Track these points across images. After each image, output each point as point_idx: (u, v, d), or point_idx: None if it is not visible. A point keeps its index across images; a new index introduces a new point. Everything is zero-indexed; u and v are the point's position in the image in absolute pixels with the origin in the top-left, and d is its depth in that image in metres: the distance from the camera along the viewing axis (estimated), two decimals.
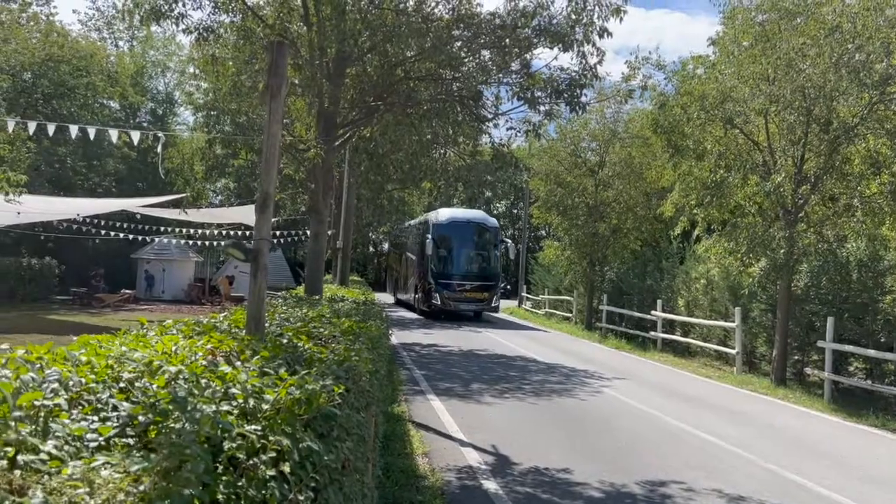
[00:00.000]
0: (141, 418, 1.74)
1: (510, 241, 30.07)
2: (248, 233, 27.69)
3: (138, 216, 24.91)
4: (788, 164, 14.29)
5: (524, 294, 36.71)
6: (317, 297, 8.57)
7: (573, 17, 10.40)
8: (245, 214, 26.25)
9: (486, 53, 11.24)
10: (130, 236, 26.11)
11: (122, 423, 1.66)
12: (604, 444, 8.69)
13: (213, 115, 15.56)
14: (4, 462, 1.45)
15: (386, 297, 35.86)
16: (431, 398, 11.01)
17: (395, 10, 10.93)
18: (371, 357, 3.46)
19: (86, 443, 1.57)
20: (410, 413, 9.78)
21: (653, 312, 20.28)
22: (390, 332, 15.21)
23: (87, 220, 24.40)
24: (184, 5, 10.36)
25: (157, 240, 28.68)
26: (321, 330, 3.86)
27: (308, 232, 28.72)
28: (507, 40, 10.32)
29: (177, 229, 29.09)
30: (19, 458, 1.45)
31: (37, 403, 1.64)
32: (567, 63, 11.66)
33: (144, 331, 3.30)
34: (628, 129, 24.49)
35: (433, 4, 11.36)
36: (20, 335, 15.00)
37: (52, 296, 25.99)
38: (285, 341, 3.19)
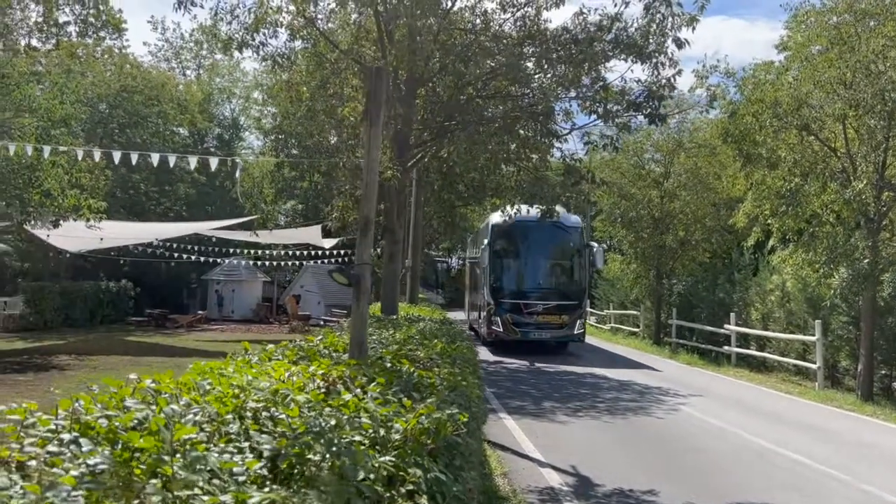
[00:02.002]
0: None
1: (596, 244, 23.02)
2: (313, 252, 28.19)
3: (214, 239, 25.73)
4: (870, 170, 13.73)
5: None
6: (394, 317, 8.62)
7: (649, 27, 10.25)
8: (311, 235, 26.74)
9: (558, 68, 11.14)
10: (201, 258, 26.92)
11: (269, 456, 1.66)
12: (686, 464, 8.44)
13: (280, 138, 15.91)
14: (158, 498, 1.46)
15: (458, 315, 35.56)
16: (504, 416, 10.90)
17: (465, 29, 10.98)
18: (476, 381, 3.44)
19: (234, 476, 1.58)
20: (484, 432, 9.69)
21: (726, 326, 19.66)
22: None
23: (161, 243, 25.34)
24: (264, 35, 10.72)
25: (226, 261, 29.49)
26: (417, 352, 3.86)
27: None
28: (581, 55, 10.21)
29: (245, 250, 29.84)
30: (177, 493, 1.47)
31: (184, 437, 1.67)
32: (641, 75, 11.45)
33: (249, 356, 3.36)
34: (693, 138, 23.97)
35: (501, 22, 11.40)
36: (104, 357, 15.56)
37: (127, 317, 26.94)
38: (388, 365, 3.19)
